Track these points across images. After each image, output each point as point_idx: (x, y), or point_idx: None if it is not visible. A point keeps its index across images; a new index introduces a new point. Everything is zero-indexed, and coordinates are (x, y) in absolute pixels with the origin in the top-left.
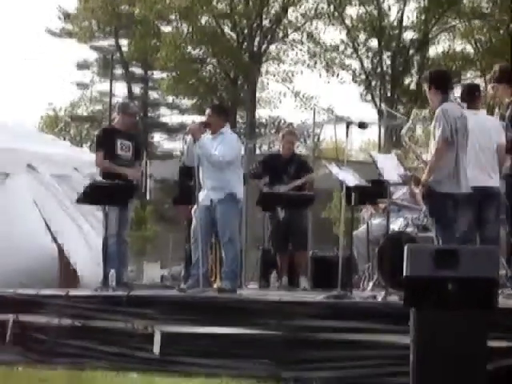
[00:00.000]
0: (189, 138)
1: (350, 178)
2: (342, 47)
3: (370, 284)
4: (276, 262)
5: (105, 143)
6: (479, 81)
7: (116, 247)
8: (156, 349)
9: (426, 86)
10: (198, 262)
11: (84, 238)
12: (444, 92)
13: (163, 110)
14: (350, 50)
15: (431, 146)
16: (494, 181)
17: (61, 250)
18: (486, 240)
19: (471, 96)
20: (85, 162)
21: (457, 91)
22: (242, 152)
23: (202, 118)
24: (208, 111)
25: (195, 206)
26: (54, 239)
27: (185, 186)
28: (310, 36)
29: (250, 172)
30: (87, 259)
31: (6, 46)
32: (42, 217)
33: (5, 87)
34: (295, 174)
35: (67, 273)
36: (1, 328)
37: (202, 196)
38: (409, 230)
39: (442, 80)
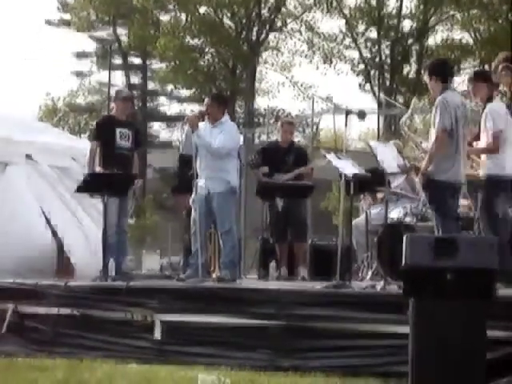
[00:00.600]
0: (187, 127)
1: (349, 168)
2: (340, 37)
3: (369, 273)
4: (275, 251)
5: (103, 132)
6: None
7: (116, 237)
8: (155, 338)
9: (426, 76)
10: (197, 251)
11: (82, 228)
12: (444, 81)
13: (162, 100)
14: (348, 40)
15: (431, 134)
16: None
17: (58, 242)
18: None
19: None
20: (83, 152)
21: (456, 80)
22: (241, 142)
23: (201, 108)
24: (207, 100)
25: (193, 196)
26: (52, 230)
27: (184, 175)
28: (309, 26)
29: (249, 162)
30: (84, 250)
31: (4, 37)
32: (40, 207)
33: (3, 77)
34: (294, 163)
35: (64, 263)
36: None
37: (199, 186)
38: (407, 219)
39: (442, 69)
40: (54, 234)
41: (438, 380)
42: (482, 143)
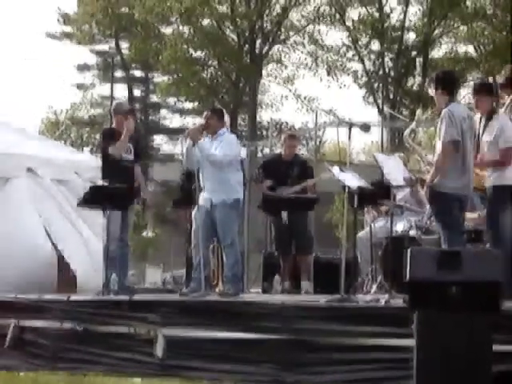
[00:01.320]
0: (188, 141)
1: (353, 180)
2: (343, 49)
3: (374, 287)
4: (279, 265)
5: (107, 144)
6: None
7: (118, 251)
8: (158, 353)
9: (432, 87)
10: (200, 265)
11: (83, 243)
12: (450, 93)
13: (164, 113)
14: (351, 53)
15: (436, 147)
16: None
17: (60, 255)
18: None
19: None
20: (85, 166)
21: (461, 93)
22: (243, 154)
23: (201, 121)
24: (206, 114)
25: (195, 209)
26: (53, 244)
27: (186, 188)
28: (312, 38)
29: (252, 178)
30: (86, 265)
31: (5, 49)
32: (42, 221)
33: (5, 90)
34: (298, 176)
35: (65, 278)
36: (2, 333)
37: (202, 198)
38: (412, 232)
39: (448, 81)
40: (55, 247)
41: None
42: (488, 156)
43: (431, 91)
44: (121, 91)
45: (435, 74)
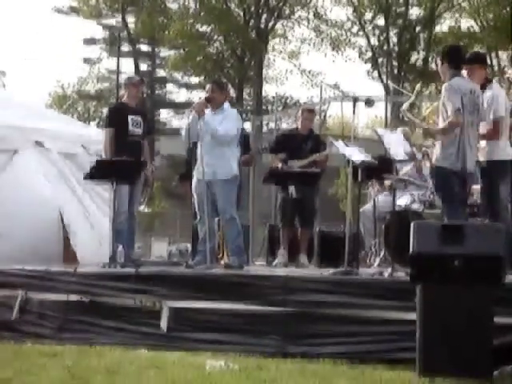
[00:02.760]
0: (193, 114)
1: (357, 155)
2: (348, 24)
3: (377, 260)
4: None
5: (117, 120)
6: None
7: (125, 224)
8: (163, 325)
9: (438, 60)
10: (205, 238)
11: (88, 217)
12: (455, 67)
13: (170, 87)
14: (356, 28)
15: (440, 120)
16: None
17: (65, 228)
18: None
19: None
20: (92, 140)
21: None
22: (249, 129)
23: (205, 94)
24: (210, 87)
25: (194, 181)
26: (60, 216)
27: (193, 161)
28: (317, 13)
29: (266, 147)
30: (89, 239)
31: (13, 25)
32: (49, 194)
33: (13, 65)
34: (311, 150)
35: (71, 251)
36: (9, 304)
37: (199, 171)
38: (415, 206)
39: (454, 55)
40: (62, 220)
41: (445, 366)
42: (482, 128)
43: (438, 62)
44: (127, 65)
45: (442, 47)
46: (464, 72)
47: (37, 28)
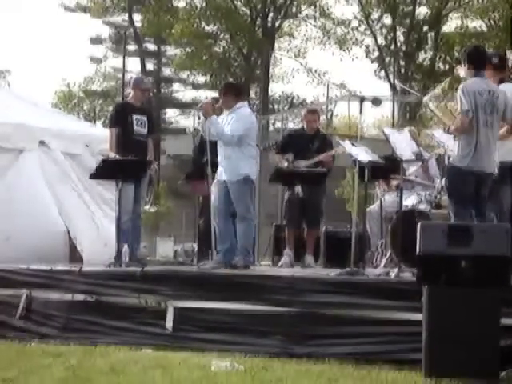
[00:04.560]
0: (201, 115)
1: (363, 155)
2: (355, 23)
3: (383, 261)
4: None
5: (121, 119)
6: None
7: (130, 223)
8: (169, 324)
9: (461, 65)
10: (223, 236)
11: (92, 217)
12: (474, 68)
13: (176, 86)
14: (363, 27)
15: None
16: None
17: (71, 229)
18: None
19: None
20: (97, 139)
21: None
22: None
23: (215, 95)
24: (221, 89)
25: (215, 181)
26: (63, 217)
27: (198, 161)
28: (323, 12)
29: (272, 146)
30: (93, 238)
31: (20, 22)
32: (53, 195)
33: (19, 63)
34: (317, 150)
35: (77, 251)
36: (13, 303)
37: (218, 171)
38: (422, 206)
39: (472, 57)
40: (67, 222)
41: (452, 367)
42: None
43: (460, 68)
44: (133, 64)
45: (463, 49)
46: (489, 72)
47: (43, 26)
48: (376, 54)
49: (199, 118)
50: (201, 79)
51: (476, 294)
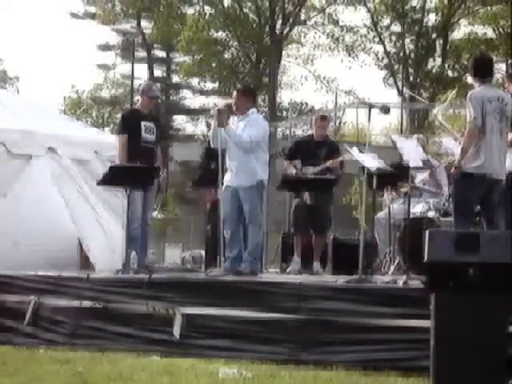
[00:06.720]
0: (213, 122)
1: (372, 162)
2: (364, 31)
3: (391, 268)
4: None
5: (129, 126)
6: (502, 65)
7: (139, 230)
8: (176, 331)
9: (469, 71)
10: (232, 243)
11: (100, 223)
12: (482, 76)
13: (185, 93)
14: (372, 34)
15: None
16: None
17: (80, 235)
18: None
19: None
20: (106, 145)
21: None
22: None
23: (225, 101)
24: (234, 94)
25: (222, 188)
26: (74, 224)
27: (207, 168)
28: (332, 19)
29: (280, 153)
30: (103, 245)
31: (29, 29)
32: (62, 202)
33: (28, 69)
34: (325, 157)
35: (86, 257)
36: (22, 310)
37: (228, 178)
38: (430, 214)
39: (478, 66)
40: (76, 228)
41: (460, 375)
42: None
43: (469, 76)
44: (142, 71)
45: (470, 59)
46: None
47: (52, 33)
48: (385, 61)
49: (208, 126)
50: (209, 86)
51: (484, 302)
